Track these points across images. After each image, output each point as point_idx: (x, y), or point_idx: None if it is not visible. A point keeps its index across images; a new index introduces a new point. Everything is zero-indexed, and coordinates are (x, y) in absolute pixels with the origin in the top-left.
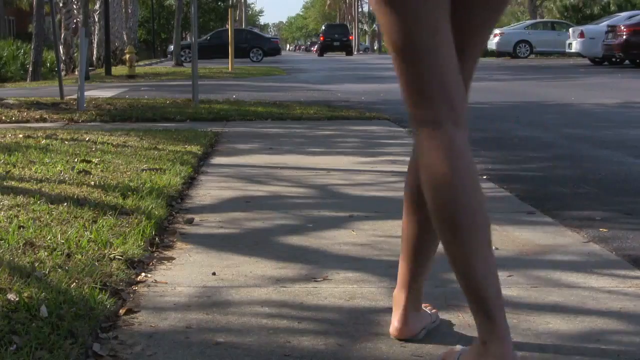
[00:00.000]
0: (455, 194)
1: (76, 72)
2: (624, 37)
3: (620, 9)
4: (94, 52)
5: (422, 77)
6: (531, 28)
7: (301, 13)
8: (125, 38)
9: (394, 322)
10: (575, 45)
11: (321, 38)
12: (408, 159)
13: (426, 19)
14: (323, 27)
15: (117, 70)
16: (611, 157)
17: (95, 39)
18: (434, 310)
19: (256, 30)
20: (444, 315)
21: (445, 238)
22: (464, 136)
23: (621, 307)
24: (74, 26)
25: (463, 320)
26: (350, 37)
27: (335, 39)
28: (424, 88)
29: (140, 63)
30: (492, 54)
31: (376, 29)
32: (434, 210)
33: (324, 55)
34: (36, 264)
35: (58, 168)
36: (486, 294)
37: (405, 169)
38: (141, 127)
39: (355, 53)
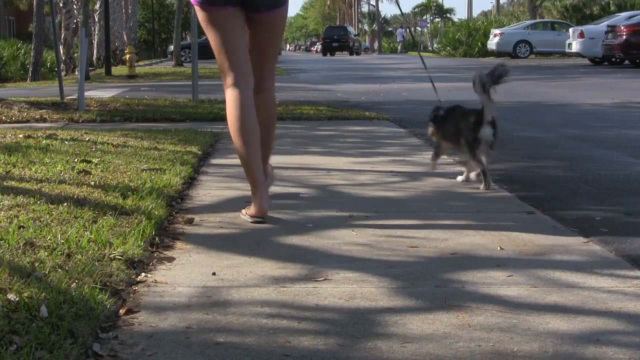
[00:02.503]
0: (241, 125)
1: (76, 72)
2: (624, 37)
3: (620, 9)
4: (94, 52)
5: (228, 60)
6: (531, 28)
7: (301, 13)
8: (125, 38)
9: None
10: (575, 45)
11: (320, 39)
12: (408, 159)
13: (231, 34)
14: (324, 29)
15: (117, 70)
16: (611, 157)
17: (96, 39)
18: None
19: None
20: (444, 315)
21: (237, 146)
22: (250, 93)
23: (621, 307)
24: (74, 26)
25: (463, 320)
26: (349, 38)
27: (334, 40)
28: (229, 65)
29: (141, 63)
30: (492, 54)
31: (376, 29)
32: (233, 133)
33: (327, 55)
34: (36, 264)
35: (58, 168)
36: (255, 175)
37: (405, 169)
38: (141, 127)
39: (361, 53)
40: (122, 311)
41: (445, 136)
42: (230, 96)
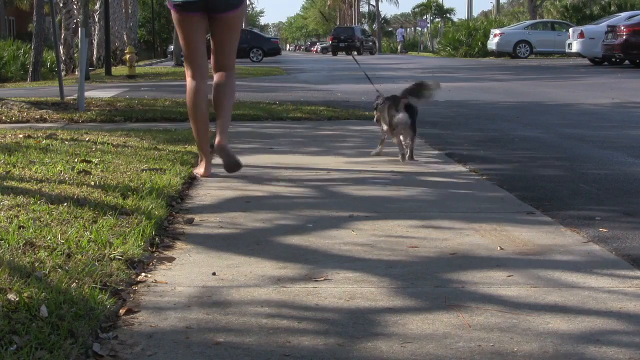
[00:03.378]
0: (194, 108)
1: (76, 72)
2: (624, 37)
3: (620, 9)
4: (94, 52)
5: (191, 56)
6: (531, 28)
7: (301, 13)
8: (125, 38)
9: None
10: (575, 45)
11: (330, 39)
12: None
13: (196, 35)
14: (333, 30)
15: (117, 70)
16: (611, 157)
17: (96, 39)
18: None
19: (256, 30)
20: (444, 315)
21: (191, 123)
22: (205, 83)
23: (621, 307)
24: (74, 26)
25: (463, 320)
26: (356, 38)
27: (341, 40)
28: (191, 60)
29: (141, 63)
30: (492, 54)
31: (376, 29)
32: (189, 114)
33: (337, 55)
34: (36, 264)
35: (58, 168)
36: (202, 145)
37: (405, 169)
38: (141, 127)
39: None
40: (122, 311)
41: (384, 121)
42: (190, 85)
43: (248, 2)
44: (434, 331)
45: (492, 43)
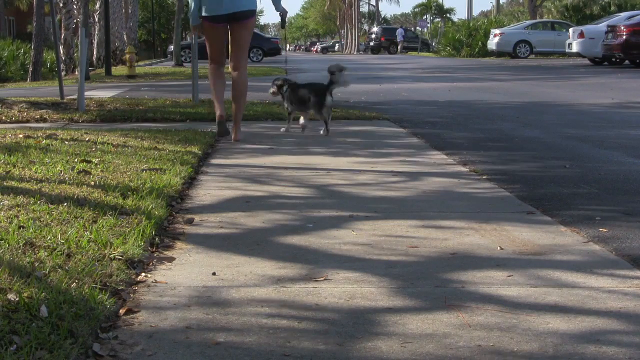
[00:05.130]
0: (215, 76)
1: (76, 72)
2: (624, 37)
3: (620, 9)
4: (94, 52)
5: (212, 54)
6: (531, 28)
7: (301, 13)
8: (125, 38)
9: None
10: (575, 45)
11: (382, 38)
12: (408, 158)
13: (218, 40)
14: (377, 29)
15: (117, 70)
16: (611, 157)
17: (95, 39)
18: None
19: (256, 30)
20: (444, 315)
21: (212, 91)
22: (222, 68)
23: (621, 307)
24: (74, 26)
25: (463, 320)
26: (382, 39)
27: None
28: (213, 58)
29: (141, 63)
30: (492, 54)
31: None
32: (210, 84)
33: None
34: (36, 264)
35: (58, 168)
36: (221, 105)
37: (405, 168)
38: (141, 127)
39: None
40: (122, 311)
41: (298, 101)
42: (210, 68)
43: None
44: (434, 331)
45: (492, 43)
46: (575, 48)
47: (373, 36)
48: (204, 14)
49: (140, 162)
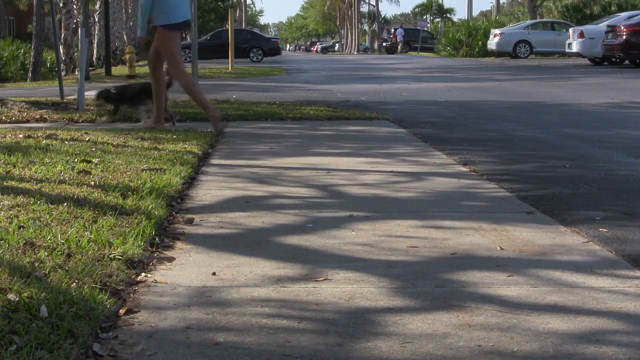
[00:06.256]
0: (194, 85)
1: (76, 72)
2: (624, 37)
3: (621, 9)
4: (94, 52)
5: (181, 60)
6: (531, 28)
7: (301, 13)
8: (125, 38)
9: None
10: (575, 45)
11: (393, 39)
12: (408, 159)
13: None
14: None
15: (117, 70)
16: (611, 157)
17: (96, 39)
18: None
19: (256, 30)
20: (444, 315)
21: (193, 90)
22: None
23: (621, 307)
24: (74, 26)
25: (463, 320)
26: (393, 39)
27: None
28: (181, 62)
29: (140, 63)
30: (492, 54)
31: (376, 29)
32: (192, 90)
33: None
34: (36, 264)
35: (58, 168)
36: (202, 100)
37: (405, 169)
38: (141, 127)
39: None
40: (122, 311)
41: (126, 102)
42: (189, 76)
43: (249, 2)
44: (434, 331)
45: (492, 43)
46: (575, 48)
47: (386, 37)
48: (179, 20)
49: (140, 162)
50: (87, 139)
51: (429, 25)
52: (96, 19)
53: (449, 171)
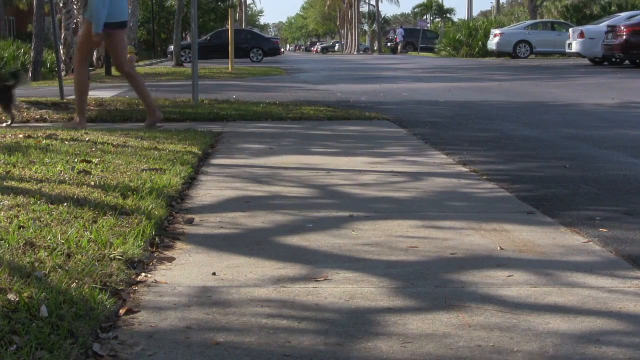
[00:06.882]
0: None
1: None
2: (624, 37)
3: (621, 9)
4: (94, 52)
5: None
6: (531, 28)
7: (301, 13)
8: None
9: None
10: (575, 45)
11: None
12: (408, 159)
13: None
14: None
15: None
16: (611, 157)
17: None
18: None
19: (256, 30)
20: (444, 315)
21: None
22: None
23: (621, 307)
24: (73, 26)
25: (463, 320)
26: (396, 39)
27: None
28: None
29: (140, 63)
30: (492, 54)
31: (376, 29)
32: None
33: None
34: (36, 264)
35: (58, 168)
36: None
37: (405, 169)
38: (141, 127)
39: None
40: (122, 311)
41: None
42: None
43: (249, 2)
44: (434, 331)
45: (492, 43)
46: (575, 48)
47: (391, 37)
48: (119, 19)
49: (140, 162)
50: (87, 139)
51: (429, 25)
52: None
53: (449, 171)
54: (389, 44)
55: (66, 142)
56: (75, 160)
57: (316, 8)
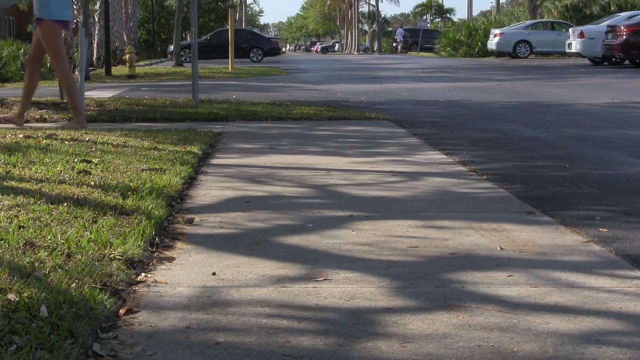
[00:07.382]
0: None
1: (76, 72)
2: (624, 37)
3: (621, 9)
4: (94, 52)
5: (63, 55)
6: (531, 28)
7: (301, 13)
8: (125, 38)
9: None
10: (575, 45)
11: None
12: (408, 158)
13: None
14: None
15: (117, 70)
16: (611, 157)
17: (95, 39)
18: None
19: (256, 30)
20: (444, 315)
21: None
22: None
23: (621, 307)
24: (74, 26)
25: (463, 320)
26: (397, 39)
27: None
28: (64, 57)
29: (141, 63)
30: (492, 54)
31: (376, 29)
32: (72, 84)
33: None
34: (36, 264)
35: (58, 168)
36: (76, 101)
37: (405, 168)
38: (141, 127)
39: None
40: (122, 311)
41: None
42: (69, 70)
43: (249, 2)
44: (434, 331)
45: (492, 43)
46: (575, 48)
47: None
48: (63, 18)
49: (140, 162)
50: (87, 139)
51: (429, 25)
52: (96, 19)
53: (449, 171)
54: (394, 44)
55: (66, 142)
56: (75, 160)
57: (316, 8)
